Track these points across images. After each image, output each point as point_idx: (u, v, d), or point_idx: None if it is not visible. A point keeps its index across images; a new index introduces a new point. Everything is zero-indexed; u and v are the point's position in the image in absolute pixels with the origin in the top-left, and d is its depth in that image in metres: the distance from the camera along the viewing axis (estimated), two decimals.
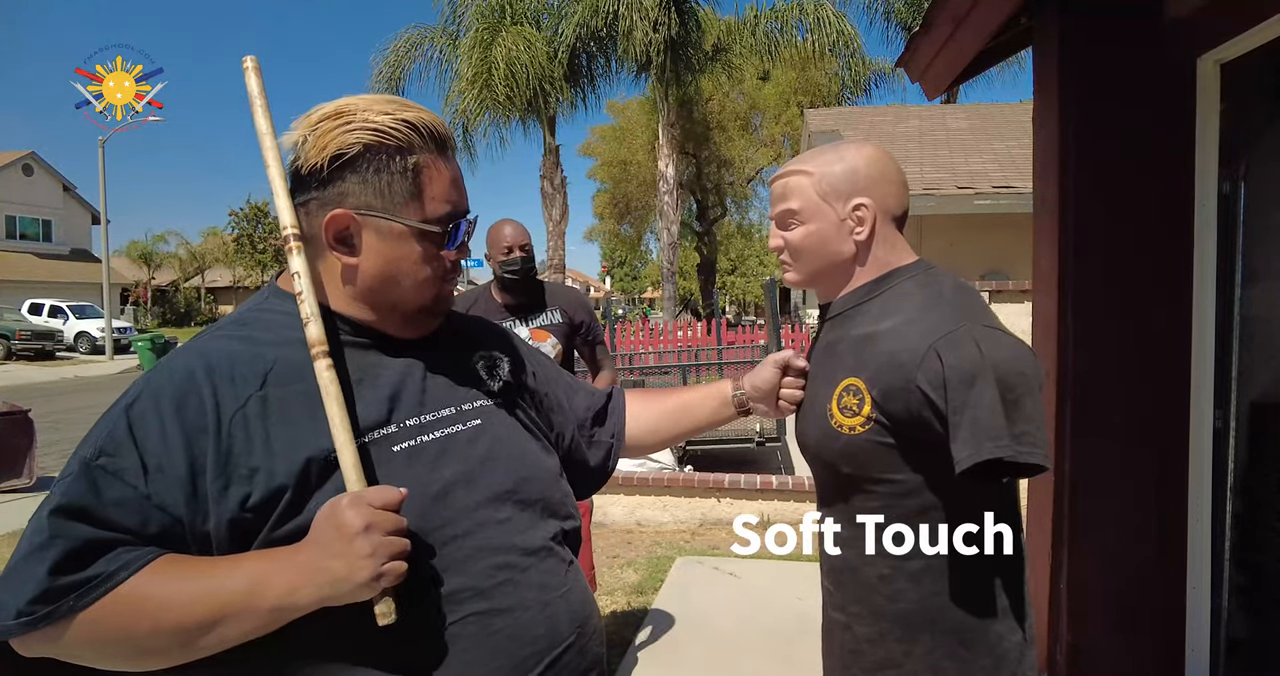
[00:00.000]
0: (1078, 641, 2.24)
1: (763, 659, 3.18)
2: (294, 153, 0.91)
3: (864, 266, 1.25)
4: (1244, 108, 2.11)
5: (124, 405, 0.85)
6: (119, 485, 0.79)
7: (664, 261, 19.25)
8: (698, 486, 5.10)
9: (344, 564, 0.78)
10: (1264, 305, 2.11)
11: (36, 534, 0.78)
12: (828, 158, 1.25)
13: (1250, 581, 2.17)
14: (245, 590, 0.78)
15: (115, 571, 0.77)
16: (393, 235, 0.90)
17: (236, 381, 0.85)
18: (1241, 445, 2.15)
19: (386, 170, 0.89)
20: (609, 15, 16.51)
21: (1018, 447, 1.01)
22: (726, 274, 34.43)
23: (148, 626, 0.77)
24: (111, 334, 23.56)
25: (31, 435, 6.50)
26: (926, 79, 2.84)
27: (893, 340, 1.14)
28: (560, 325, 2.75)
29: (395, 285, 0.92)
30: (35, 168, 32.59)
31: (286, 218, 0.91)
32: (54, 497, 0.80)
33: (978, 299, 1.20)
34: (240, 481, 0.81)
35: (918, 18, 14.30)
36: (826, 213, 1.23)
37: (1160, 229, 2.21)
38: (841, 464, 1.20)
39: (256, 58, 0.97)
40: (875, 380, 1.14)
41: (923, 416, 1.09)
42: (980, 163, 9.29)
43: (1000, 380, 1.04)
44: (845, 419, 1.18)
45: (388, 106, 0.90)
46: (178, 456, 0.81)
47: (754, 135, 28.25)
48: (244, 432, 0.83)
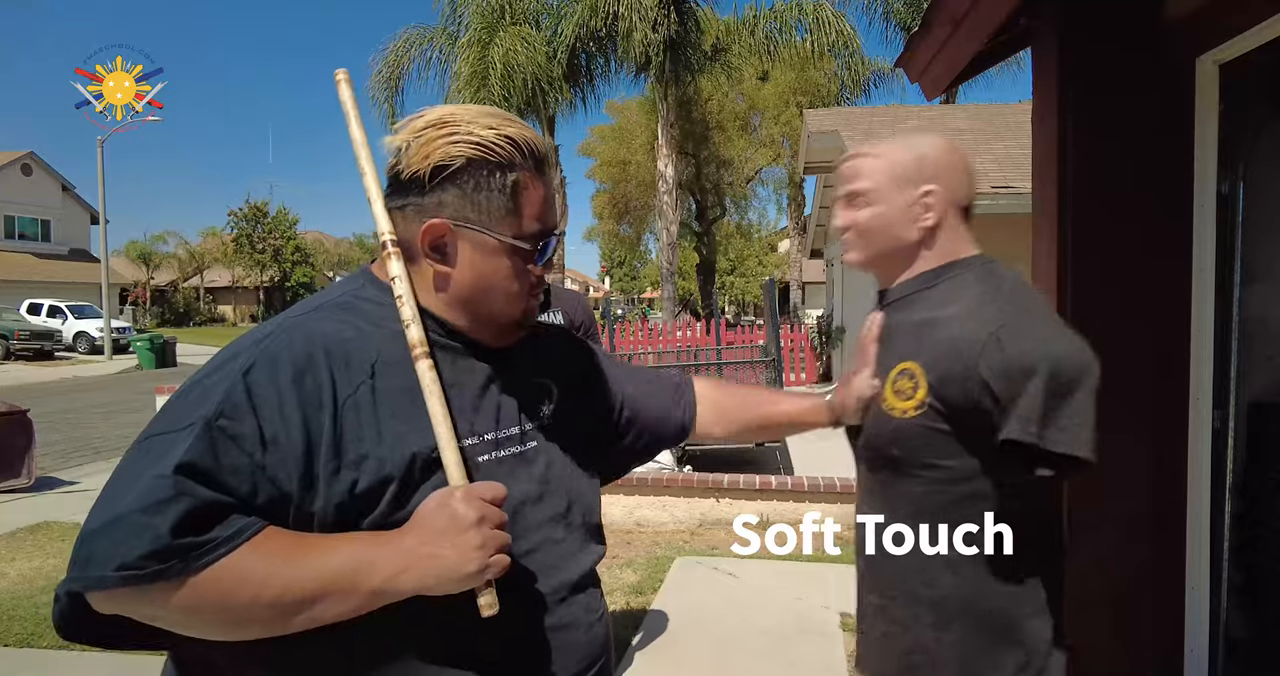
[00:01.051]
0: (1076, 641, 2.24)
1: (762, 659, 3.18)
2: (395, 157, 0.92)
3: (927, 253, 1.25)
4: (1243, 108, 2.11)
5: (239, 369, 0.82)
6: (236, 451, 0.78)
7: (663, 261, 19.25)
8: (697, 486, 5.10)
9: (455, 553, 0.79)
10: (1263, 305, 2.11)
11: (156, 488, 0.74)
12: (900, 144, 1.26)
13: (1249, 581, 2.17)
14: (351, 569, 0.78)
15: (231, 535, 0.76)
16: (486, 249, 0.92)
17: (351, 367, 0.86)
18: (1240, 445, 2.15)
19: (486, 186, 0.90)
20: (608, 15, 16.51)
21: (1046, 436, 1.02)
22: (725, 274, 34.45)
23: (247, 597, 0.76)
24: (110, 334, 23.55)
25: (30, 435, 6.49)
26: (926, 79, 2.84)
27: (954, 327, 1.14)
28: (561, 326, 2.77)
29: (487, 297, 0.94)
30: (34, 167, 32.58)
31: (384, 224, 0.93)
32: (169, 453, 0.76)
33: (1037, 296, 1.21)
34: (350, 466, 0.82)
35: (917, 18, 14.30)
36: (895, 196, 1.24)
37: (1159, 229, 2.21)
38: (890, 447, 1.20)
39: (347, 71, 1.01)
40: (933, 365, 1.14)
41: (979, 404, 1.09)
42: (979, 163, 9.30)
43: (1054, 373, 1.05)
44: (898, 402, 1.17)
45: (491, 120, 0.91)
46: (296, 432, 0.80)
47: (753, 135, 28.24)
48: (356, 419, 0.84)
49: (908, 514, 1.20)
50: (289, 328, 0.88)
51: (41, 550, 4.95)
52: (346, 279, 1.00)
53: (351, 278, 1.00)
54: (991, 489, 1.15)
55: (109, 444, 9.31)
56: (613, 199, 32.52)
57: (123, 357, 22.72)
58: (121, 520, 0.73)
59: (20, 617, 3.73)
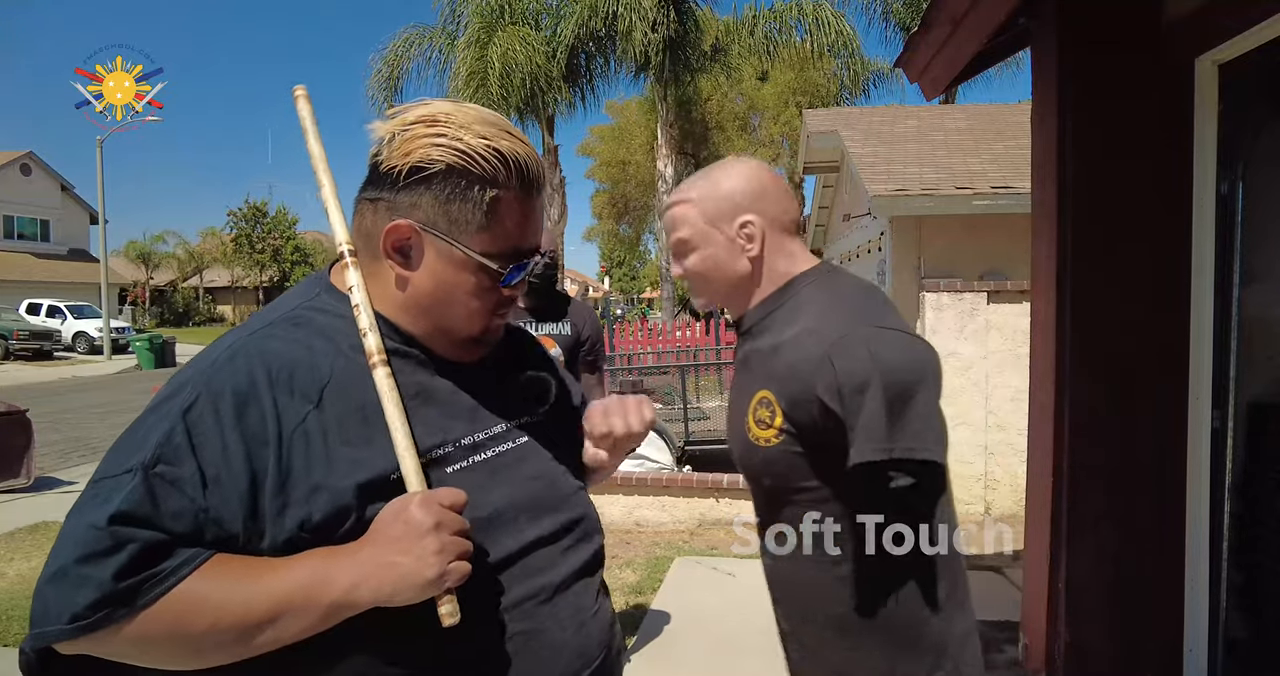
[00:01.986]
0: (1076, 640, 2.25)
1: (761, 658, 3.18)
2: (378, 146, 0.88)
3: (764, 280, 1.27)
4: (1242, 108, 2.12)
5: (180, 407, 0.79)
6: (177, 496, 0.76)
7: (662, 261, 19.26)
8: (696, 486, 5.10)
9: (412, 560, 0.77)
10: (1262, 305, 2.11)
11: (93, 539, 0.73)
12: (705, 183, 1.28)
13: (1248, 580, 2.17)
14: (307, 585, 0.77)
15: (179, 566, 0.75)
16: (452, 260, 0.88)
17: (296, 394, 0.82)
18: (1239, 445, 2.16)
19: (462, 197, 0.86)
20: (607, 15, 16.52)
21: (895, 447, 1.03)
22: None
23: (205, 624, 0.75)
24: (109, 334, 23.55)
25: (29, 435, 6.49)
26: (925, 79, 2.85)
27: (793, 351, 1.16)
28: (568, 337, 2.82)
29: (445, 310, 0.90)
30: (33, 167, 32.55)
31: (341, 234, 0.91)
32: (109, 501, 0.75)
33: (876, 297, 1.21)
34: (299, 503, 0.79)
35: (916, 18, 14.29)
36: (715, 236, 1.26)
37: (1158, 229, 2.21)
38: (762, 475, 1.22)
39: (305, 87, 0.99)
40: (782, 391, 1.16)
41: (826, 425, 1.11)
42: (979, 163, 9.29)
43: (888, 383, 1.05)
44: (760, 431, 1.19)
45: (486, 129, 0.86)
46: (239, 468, 0.78)
47: (753, 135, 28.23)
48: (304, 449, 0.81)
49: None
50: (237, 350, 0.84)
51: (40, 550, 4.95)
52: (304, 286, 0.96)
53: (309, 283, 0.96)
54: (864, 503, 1.15)
55: (108, 444, 9.15)
56: (612, 199, 32.51)
57: (122, 357, 22.72)
58: (66, 572, 0.74)
59: (19, 618, 3.73)
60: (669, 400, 8.03)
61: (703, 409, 8.01)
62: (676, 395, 7.07)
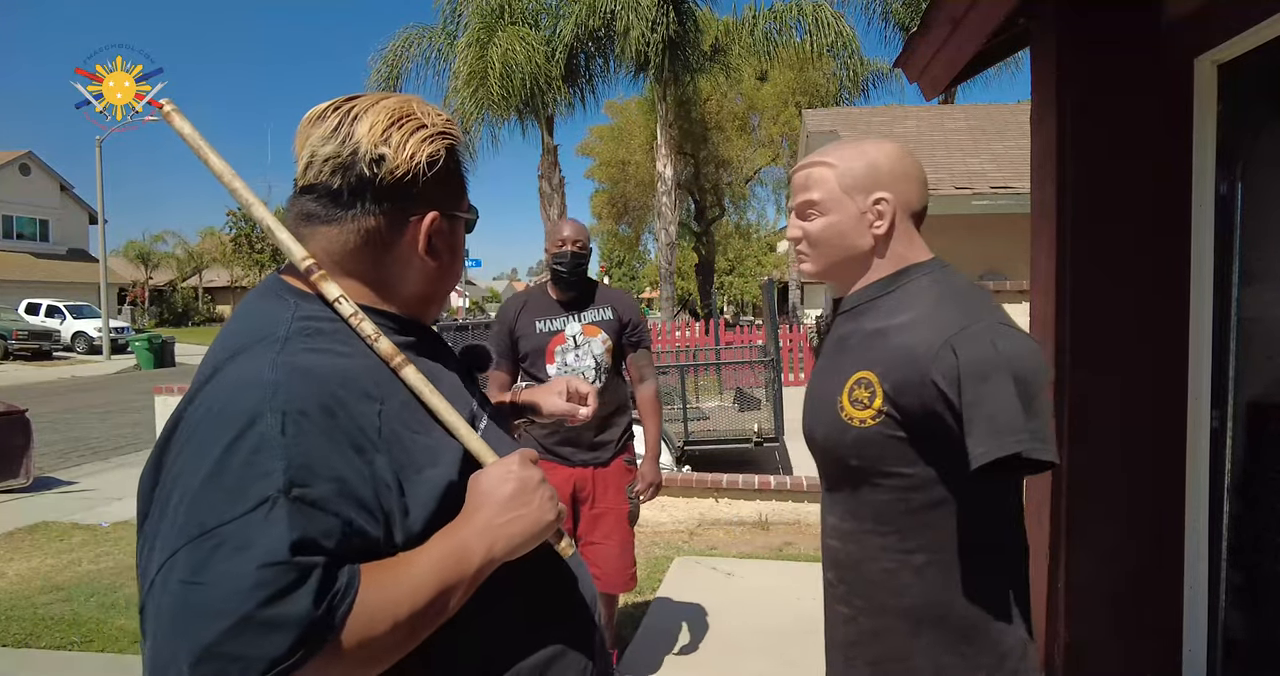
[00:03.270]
0: (1075, 640, 2.25)
1: (761, 658, 3.18)
2: (377, 166, 0.87)
3: (881, 261, 1.26)
4: (1242, 108, 2.12)
5: (273, 432, 0.74)
6: (322, 515, 0.73)
7: (662, 261, 19.24)
8: (696, 486, 5.10)
9: (533, 511, 0.87)
10: (1261, 305, 2.11)
11: (273, 577, 0.68)
12: (851, 151, 1.26)
13: (1247, 581, 2.17)
14: (453, 562, 0.81)
15: (349, 582, 0.73)
16: (456, 228, 0.97)
17: (363, 397, 0.82)
18: (1239, 445, 2.16)
19: (456, 171, 0.95)
20: (607, 15, 16.51)
21: (1034, 443, 1.02)
22: (724, 274, 34.42)
23: (388, 625, 0.75)
24: (109, 334, 23.53)
25: (29, 435, 6.49)
26: (924, 79, 2.85)
27: (907, 334, 1.15)
28: (611, 322, 2.88)
29: (451, 276, 0.98)
30: (32, 167, 32.55)
31: (299, 251, 0.89)
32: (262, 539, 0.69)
33: (990, 298, 1.21)
34: (417, 497, 0.83)
35: (916, 18, 14.32)
36: (847, 205, 1.24)
37: (1158, 230, 2.21)
38: (850, 456, 1.20)
39: (171, 100, 0.94)
40: (888, 374, 1.15)
41: (935, 411, 1.10)
42: (978, 163, 9.30)
43: (1016, 377, 1.04)
44: (855, 411, 1.18)
45: (429, 106, 0.93)
46: (360, 477, 0.77)
47: (752, 136, 28.25)
48: (400, 446, 0.83)
49: (872, 522, 1.21)
50: (281, 372, 0.79)
51: (40, 550, 4.95)
52: (269, 303, 0.90)
53: (273, 300, 0.90)
54: (953, 494, 1.15)
55: (107, 444, 9.30)
56: (611, 199, 32.51)
57: (121, 357, 22.71)
58: (246, 625, 0.66)
59: (18, 618, 3.73)
60: (668, 400, 8.04)
61: (702, 409, 8.01)
62: (676, 395, 7.06)
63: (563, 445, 2.81)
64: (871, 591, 1.21)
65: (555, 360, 2.82)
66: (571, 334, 2.84)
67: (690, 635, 3.42)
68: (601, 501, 2.89)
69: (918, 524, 1.17)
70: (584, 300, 2.88)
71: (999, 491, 1.17)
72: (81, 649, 3.44)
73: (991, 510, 1.18)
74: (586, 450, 2.84)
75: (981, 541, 1.17)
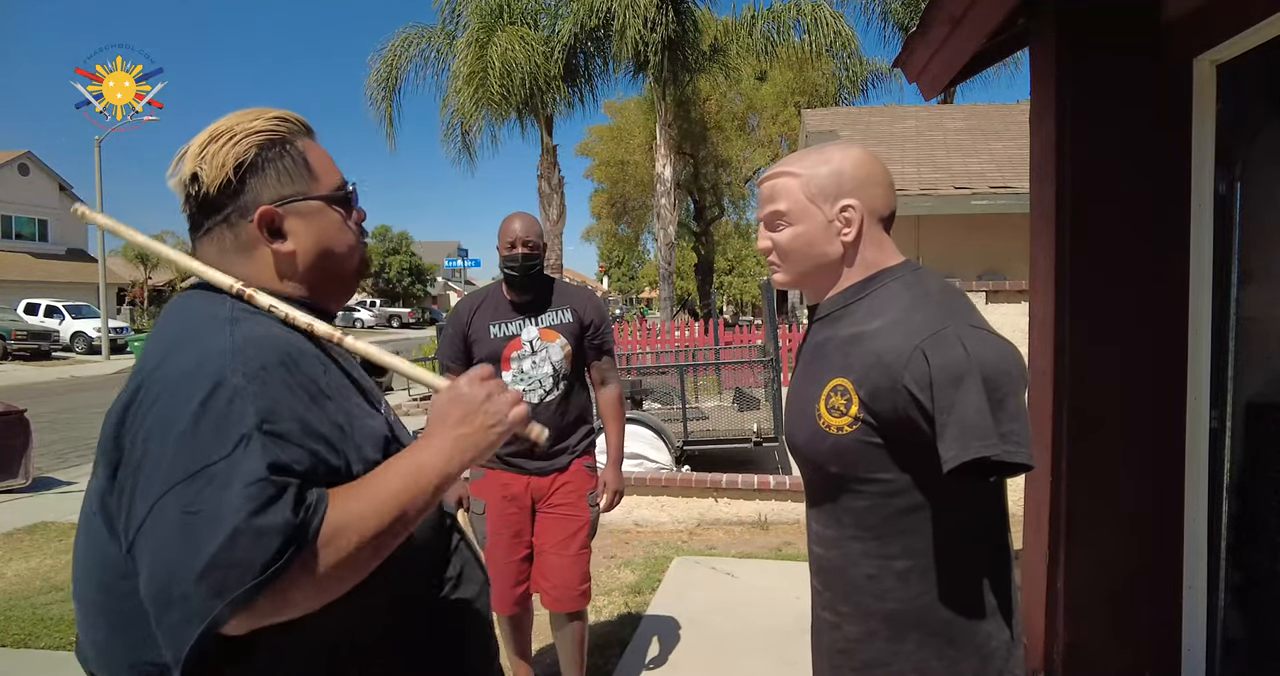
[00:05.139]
0: (1074, 640, 2.25)
1: (760, 658, 3.18)
2: (194, 185, 0.98)
3: (851, 267, 1.26)
4: (1240, 108, 2.12)
5: (238, 386, 0.83)
6: (291, 446, 0.83)
7: (661, 261, 19.23)
8: (695, 486, 5.10)
9: (486, 417, 0.94)
10: (1260, 305, 2.12)
11: (258, 492, 0.77)
12: (814, 159, 1.26)
13: (1246, 581, 2.17)
14: (412, 479, 0.88)
15: (319, 499, 0.82)
16: (312, 212, 1.02)
17: (312, 358, 0.94)
18: (1237, 445, 2.16)
19: (282, 161, 1.00)
20: (605, 15, 16.50)
21: (1004, 446, 1.02)
22: (724, 274, 34.43)
23: (355, 540, 0.83)
24: (108, 334, 23.51)
25: (28, 435, 6.49)
26: (924, 79, 2.85)
27: (879, 340, 1.15)
28: (570, 324, 2.69)
29: (331, 255, 1.04)
30: (31, 167, 32.53)
31: (225, 280, 0.97)
32: (244, 468, 0.78)
33: (964, 299, 1.20)
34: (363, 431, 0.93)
35: (915, 18, 14.31)
36: (814, 214, 1.24)
37: (1157, 229, 2.21)
38: (829, 463, 1.21)
39: (81, 204, 1.11)
40: (863, 380, 1.15)
41: (910, 416, 1.10)
42: (977, 163, 9.30)
43: (986, 379, 1.04)
44: (833, 419, 1.18)
45: (251, 113, 1.01)
46: (319, 418, 0.88)
47: (751, 135, 28.24)
48: (345, 400, 0.94)
49: (853, 528, 1.21)
50: (238, 341, 0.88)
51: (39, 550, 4.95)
52: (205, 300, 0.97)
53: (209, 298, 0.97)
54: (932, 499, 1.15)
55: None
56: (611, 199, 32.49)
57: (120, 357, 22.68)
58: (240, 533, 0.76)
59: (17, 618, 3.73)
60: (667, 400, 8.04)
61: (701, 409, 8.01)
62: (675, 395, 7.06)
63: (518, 455, 2.64)
64: (855, 597, 1.22)
65: (511, 367, 2.65)
66: (528, 339, 2.66)
67: (690, 635, 3.42)
68: (560, 505, 2.67)
69: (898, 529, 1.17)
70: (540, 302, 2.69)
71: (980, 494, 1.17)
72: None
73: (972, 513, 1.18)
74: (543, 458, 2.66)
75: (963, 544, 1.17)
